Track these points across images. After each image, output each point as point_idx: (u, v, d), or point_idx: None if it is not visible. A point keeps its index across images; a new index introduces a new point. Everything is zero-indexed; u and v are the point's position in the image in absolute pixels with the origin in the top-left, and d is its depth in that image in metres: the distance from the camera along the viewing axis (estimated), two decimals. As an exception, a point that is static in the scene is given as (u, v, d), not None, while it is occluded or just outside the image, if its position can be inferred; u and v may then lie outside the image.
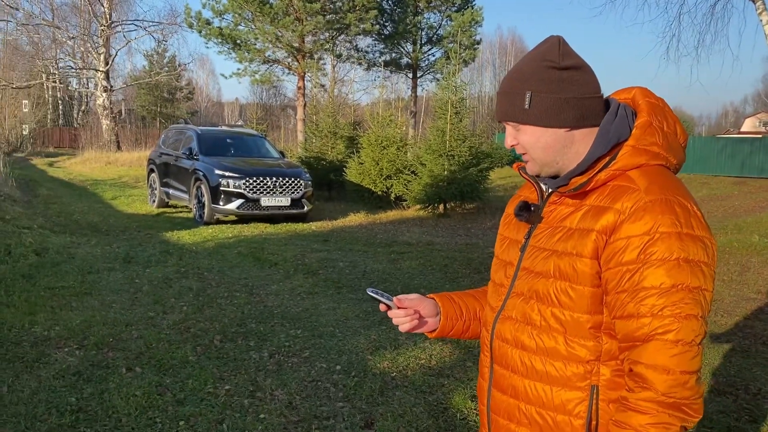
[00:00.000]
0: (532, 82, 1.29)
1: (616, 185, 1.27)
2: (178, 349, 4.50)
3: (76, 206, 13.38)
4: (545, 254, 1.33)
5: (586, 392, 1.28)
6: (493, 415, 1.44)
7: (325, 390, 3.90)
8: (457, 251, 8.85)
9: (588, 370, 1.28)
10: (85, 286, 6.17)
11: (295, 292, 6.25)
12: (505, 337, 1.39)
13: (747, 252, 8.62)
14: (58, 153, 36.72)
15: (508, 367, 1.39)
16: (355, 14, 25.43)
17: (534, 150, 1.34)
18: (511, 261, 1.45)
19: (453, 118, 12.97)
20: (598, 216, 1.26)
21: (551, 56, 1.29)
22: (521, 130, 1.34)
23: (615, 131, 1.32)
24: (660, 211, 1.20)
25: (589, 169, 1.32)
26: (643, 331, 1.18)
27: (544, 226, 1.38)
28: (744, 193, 17.30)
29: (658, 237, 1.18)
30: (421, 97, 37.63)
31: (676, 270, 1.17)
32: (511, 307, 1.39)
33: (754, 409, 3.72)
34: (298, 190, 11.44)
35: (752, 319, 5.65)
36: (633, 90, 1.40)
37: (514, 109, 1.32)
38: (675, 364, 1.16)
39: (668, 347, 1.16)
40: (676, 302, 1.17)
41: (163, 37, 37.02)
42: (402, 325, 1.53)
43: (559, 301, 1.29)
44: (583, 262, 1.26)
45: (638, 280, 1.19)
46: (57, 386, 3.80)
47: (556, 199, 1.38)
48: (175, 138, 13.42)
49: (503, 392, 1.40)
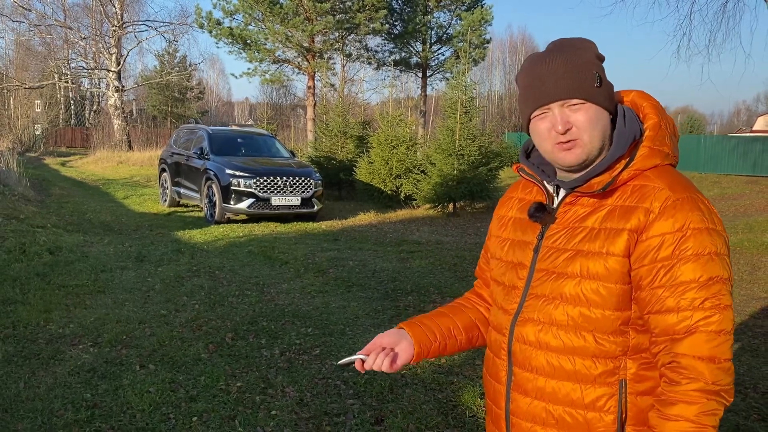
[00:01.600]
0: (595, 65, 1.33)
1: (638, 185, 1.31)
2: (191, 346, 4.56)
3: (89, 205, 13.51)
4: (568, 254, 1.34)
5: (615, 387, 1.30)
6: (515, 419, 1.42)
7: (335, 387, 3.94)
8: (466, 250, 8.88)
9: (617, 365, 1.31)
10: (99, 284, 6.25)
11: (305, 291, 6.30)
12: (528, 340, 1.38)
13: (758, 251, 8.59)
14: (71, 152, 37.03)
15: (532, 370, 1.38)
16: (364, 14, 25.48)
17: (593, 131, 1.32)
18: (521, 262, 1.44)
19: (462, 118, 12.98)
20: (627, 215, 1.29)
21: (594, 49, 1.36)
22: (584, 109, 1.31)
23: (630, 131, 1.36)
24: (689, 209, 1.25)
25: (607, 169, 1.34)
26: (686, 323, 1.22)
27: (559, 227, 1.39)
28: (756, 192, 17.18)
29: (690, 233, 1.23)
30: (430, 96, 37.65)
31: (710, 264, 1.23)
32: (532, 309, 1.39)
33: (763, 408, 3.73)
34: (309, 189, 11.50)
35: (762, 318, 5.64)
36: (631, 93, 1.43)
37: (584, 86, 1.31)
38: (720, 352, 1.20)
39: (712, 337, 1.20)
40: (716, 294, 1.22)
41: (173, 38, 37.26)
42: (382, 365, 1.50)
43: (589, 300, 1.31)
44: (615, 260, 1.28)
45: (676, 275, 1.23)
46: (72, 383, 3.87)
47: (572, 199, 1.39)
48: (186, 138, 13.51)
49: (526, 395, 1.39)
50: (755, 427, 3.49)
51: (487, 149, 13.55)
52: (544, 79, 1.33)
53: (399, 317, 5.43)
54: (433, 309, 5.65)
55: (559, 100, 1.32)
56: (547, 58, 1.34)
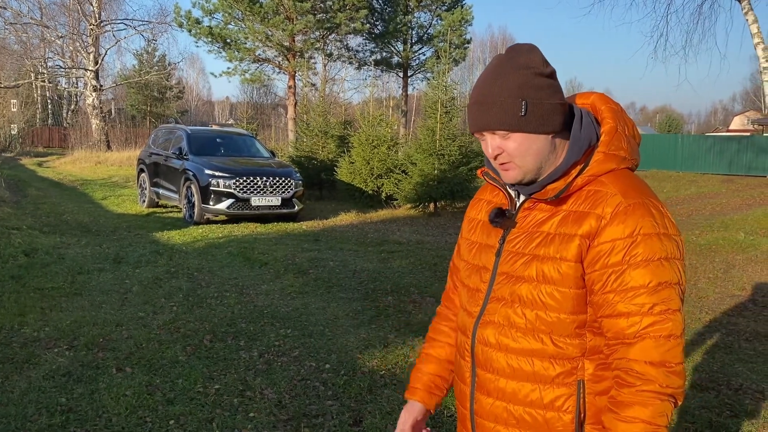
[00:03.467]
0: (525, 90, 1.30)
1: (592, 190, 1.32)
2: (168, 349, 4.52)
3: (66, 206, 13.33)
4: (526, 259, 1.36)
5: (573, 387, 1.33)
6: (478, 419, 1.45)
7: (314, 389, 3.93)
8: (447, 250, 8.90)
9: (574, 366, 1.33)
10: (75, 286, 6.18)
11: (285, 292, 6.28)
12: (489, 342, 1.41)
13: (732, 249, 8.72)
14: (48, 153, 36.50)
15: (493, 371, 1.41)
16: (345, 13, 25.44)
17: (524, 157, 1.34)
18: (485, 265, 1.46)
19: (443, 118, 13.02)
20: (579, 221, 1.31)
21: (536, 64, 1.32)
22: (512, 138, 1.33)
23: (585, 137, 1.37)
24: (640, 215, 1.26)
25: (563, 175, 1.35)
26: (635, 329, 1.24)
27: (519, 231, 1.41)
28: (731, 191, 17.46)
29: (641, 239, 1.25)
30: (411, 96, 37.71)
31: (660, 269, 1.24)
32: (492, 312, 1.41)
33: (736, 405, 3.79)
34: (289, 189, 11.46)
35: (736, 316, 5.73)
36: (591, 95, 1.44)
37: (507, 117, 1.31)
38: (671, 357, 1.23)
39: (662, 343, 1.23)
40: (665, 299, 1.24)
41: (152, 37, 36.86)
42: None
43: (545, 304, 1.33)
44: (568, 266, 1.31)
45: (626, 280, 1.25)
46: (47, 387, 3.82)
47: (531, 205, 1.41)
48: (165, 137, 13.40)
49: (489, 395, 1.42)
50: (728, 423, 3.55)
51: (467, 149, 13.60)
52: (477, 107, 1.36)
53: (379, 318, 5.44)
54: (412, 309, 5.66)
55: (486, 130, 1.36)
56: (484, 83, 1.35)
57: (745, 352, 4.77)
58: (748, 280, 7.07)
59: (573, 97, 1.47)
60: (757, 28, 12.07)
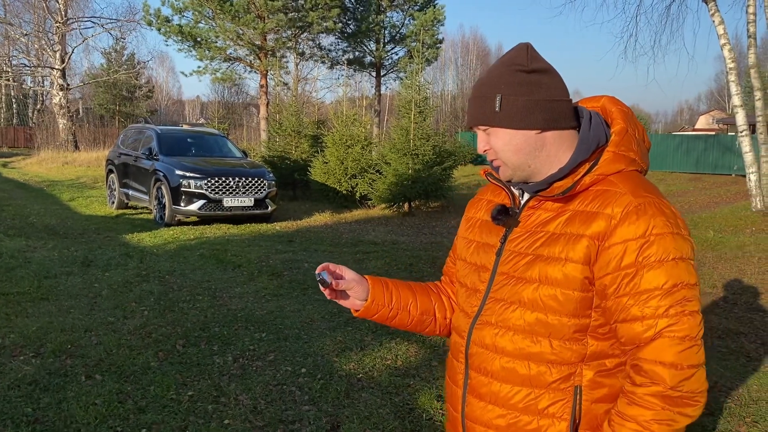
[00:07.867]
0: (501, 85, 1.31)
1: (600, 190, 1.29)
2: (140, 354, 4.41)
3: (32, 208, 13.00)
4: (528, 259, 1.32)
5: (570, 393, 1.29)
6: (469, 423, 1.42)
7: (290, 394, 3.87)
8: (422, 250, 8.89)
9: (572, 372, 1.29)
10: (42, 291, 6.00)
11: (259, 295, 6.19)
12: (485, 343, 1.37)
13: (702, 247, 8.86)
14: (13, 153, 35.62)
15: (487, 374, 1.37)
16: (317, 12, 25.29)
17: (505, 153, 1.34)
18: (484, 265, 1.43)
19: (417, 117, 13.02)
20: (587, 221, 1.26)
21: (519, 60, 1.32)
22: (492, 133, 1.34)
23: (594, 136, 1.34)
24: (652, 214, 1.22)
25: (570, 173, 1.32)
26: (651, 332, 1.20)
27: (521, 231, 1.37)
28: (699, 189, 17.78)
29: (654, 239, 1.21)
30: (385, 95, 37.73)
31: (675, 269, 1.20)
32: (490, 313, 1.37)
33: (711, 402, 3.82)
34: (262, 190, 11.34)
35: (707, 314, 5.80)
36: (601, 98, 1.42)
37: (485, 112, 1.32)
38: (684, 358, 1.18)
39: (675, 343, 1.18)
40: (680, 300, 1.19)
41: (121, 35, 36.29)
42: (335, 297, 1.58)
43: (546, 306, 1.29)
44: (573, 267, 1.26)
45: (639, 282, 1.20)
46: (12, 396, 3.69)
47: (535, 203, 1.37)
48: (134, 138, 13.17)
49: (481, 398, 1.38)
50: (704, 422, 3.58)
51: (441, 148, 13.64)
52: (468, 103, 1.40)
53: (354, 320, 5.38)
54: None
55: (471, 125, 1.39)
56: (477, 80, 1.39)
57: (717, 350, 4.83)
58: (719, 278, 7.19)
59: (582, 101, 1.45)
60: (724, 30, 12.28)
